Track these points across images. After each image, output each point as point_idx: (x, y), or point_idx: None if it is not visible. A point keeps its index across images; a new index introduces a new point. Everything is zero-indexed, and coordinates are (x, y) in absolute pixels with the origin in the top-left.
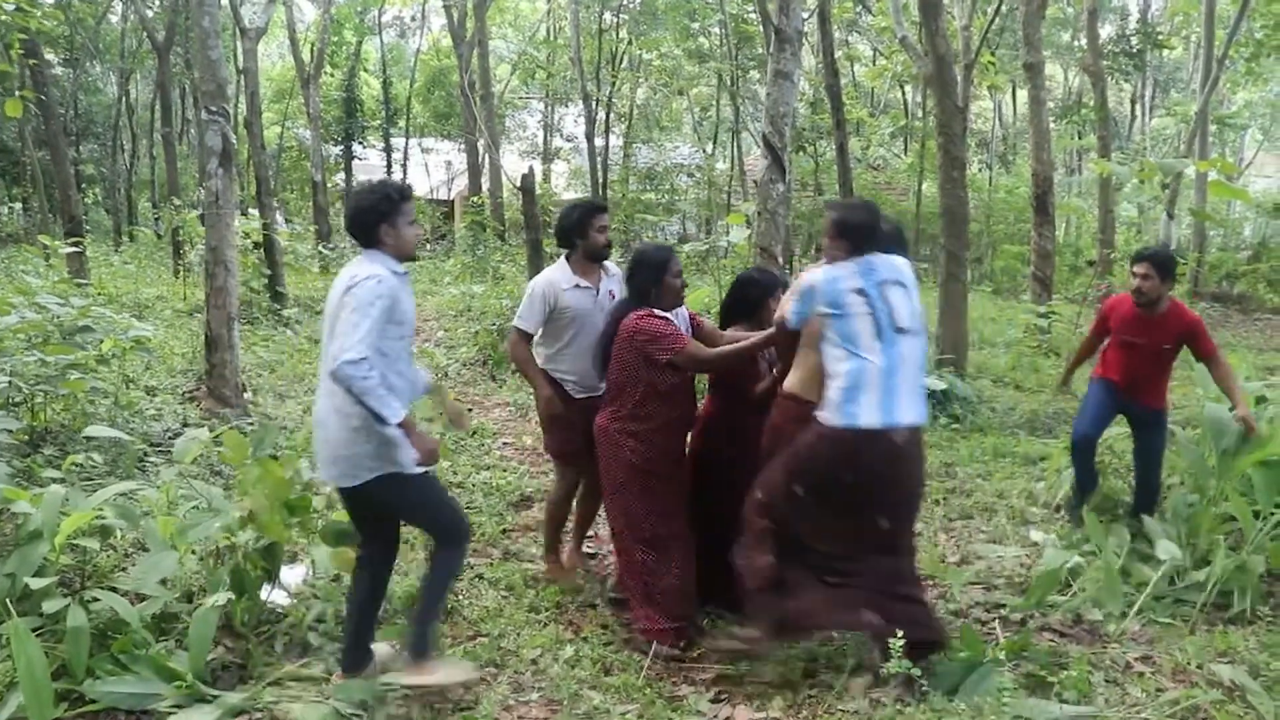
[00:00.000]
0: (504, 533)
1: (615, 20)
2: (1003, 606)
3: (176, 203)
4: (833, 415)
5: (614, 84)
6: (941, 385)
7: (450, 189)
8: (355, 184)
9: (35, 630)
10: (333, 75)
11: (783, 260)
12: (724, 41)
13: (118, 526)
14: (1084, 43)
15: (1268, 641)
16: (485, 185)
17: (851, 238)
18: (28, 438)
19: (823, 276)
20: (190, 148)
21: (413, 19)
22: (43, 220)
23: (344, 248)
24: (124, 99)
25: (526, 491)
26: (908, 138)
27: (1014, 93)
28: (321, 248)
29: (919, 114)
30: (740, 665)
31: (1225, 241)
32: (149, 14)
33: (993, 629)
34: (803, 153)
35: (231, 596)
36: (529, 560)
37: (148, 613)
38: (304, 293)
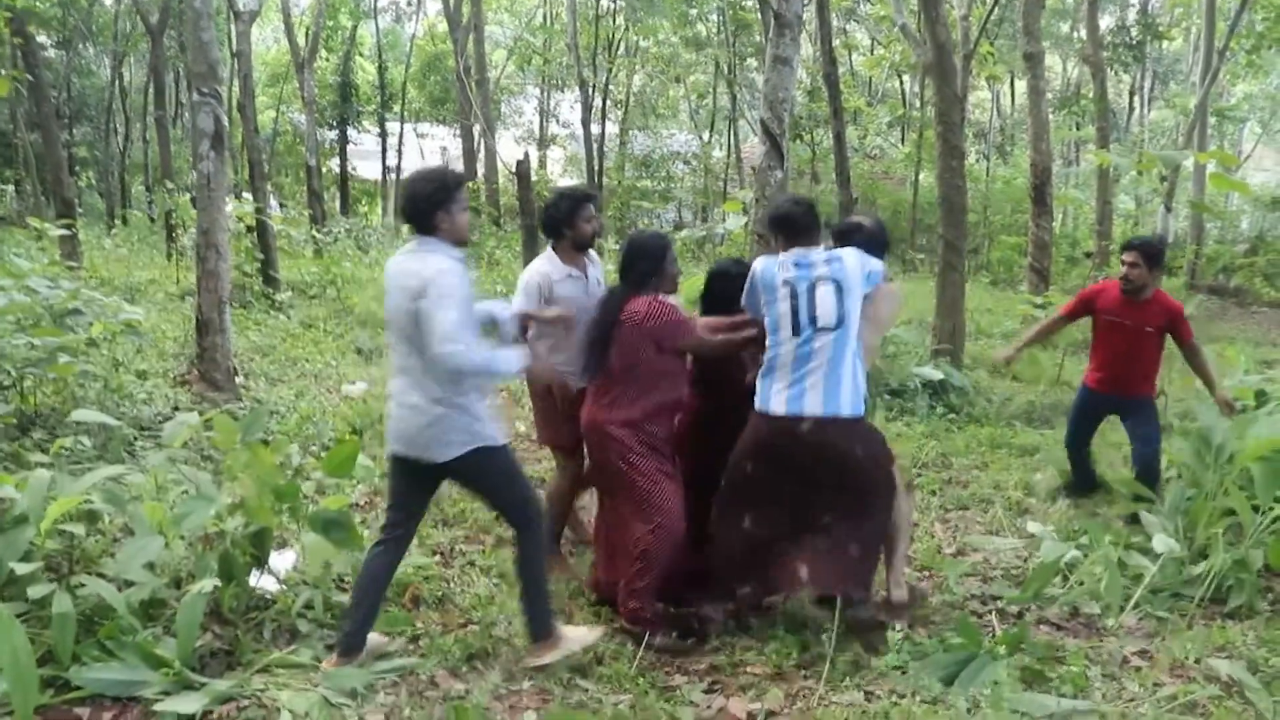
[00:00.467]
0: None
1: (612, 6)
2: (999, 599)
3: (170, 186)
4: (756, 400)
5: (611, 70)
6: (938, 375)
7: None
8: (411, 170)
9: (21, 616)
10: (328, 60)
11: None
12: (721, 28)
13: (105, 512)
14: (1083, 33)
15: (1266, 637)
16: (481, 171)
17: (785, 231)
18: (16, 421)
19: (761, 266)
20: (184, 131)
21: (408, 3)
22: (35, 203)
23: (338, 232)
24: (117, 82)
25: None
26: (905, 127)
27: (1012, 83)
28: (315, 232)
29: (917, 104)
30: (734, 655)
31: (1222, 234)
32: None
33: (989, 621)
34: (800, 141)
35: (219, 583)
36: None
37: (135, 599)
38: (297, 277)
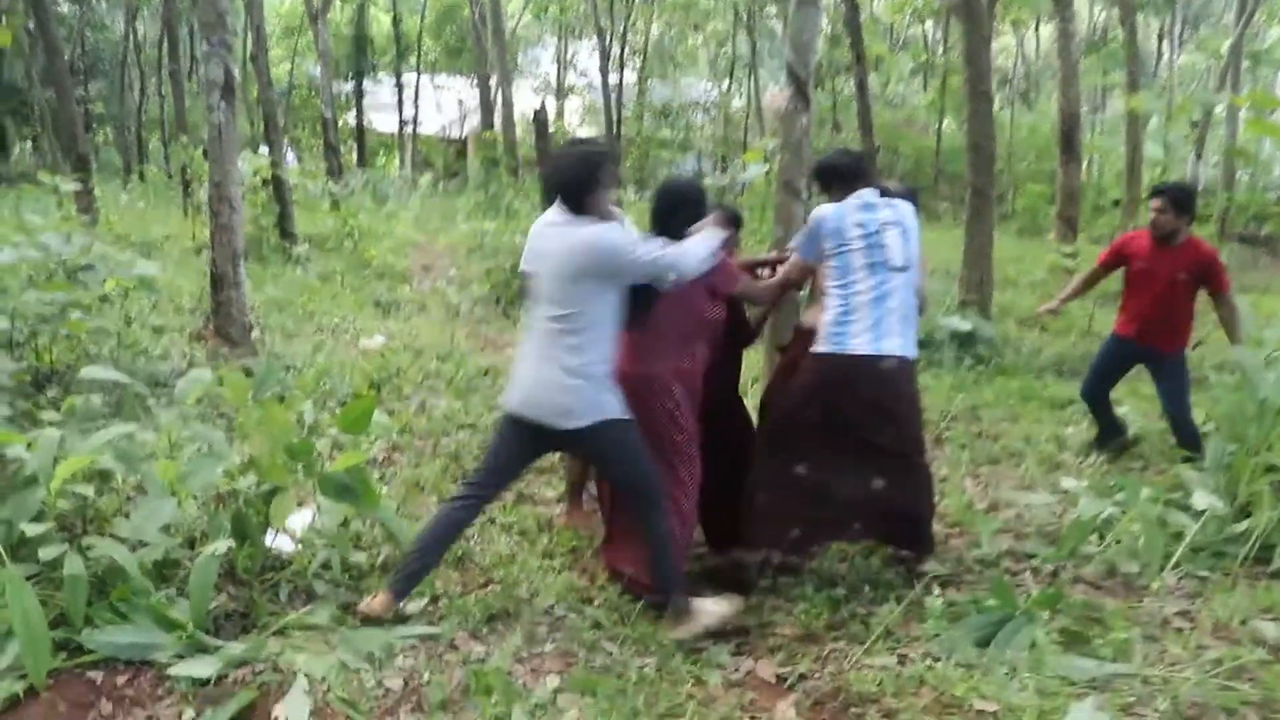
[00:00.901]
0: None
1: None
2: (1033, 557)
3: (184, 140)
4: (826, 343)
5: (629, 18)
6: (966, 326)
7: (463, 126)
8: (558, 147)
9: (33, 577)
10: (342, 11)
11: (806, 195)
12: None
13: (118, 471)
14: None
15: None
16: (498, 122)
17: (840, 179)
18: (29, 379)
19: (831, 211)
20: (199, 85)
21: None
22: (52, 160)
23: (355, 185)
24: (131, 36)
25: None
26: (927, 74)
27: (1036, 28)
28: (331, 185)
29: (939, 51)
30: (763, 616)
31: (1254, 182)
32: None
33: (1023, 580)
34: (820, 89)
35: (232, 544)
36: (542, 504)
37: (148, 560)
38: (314, 230)
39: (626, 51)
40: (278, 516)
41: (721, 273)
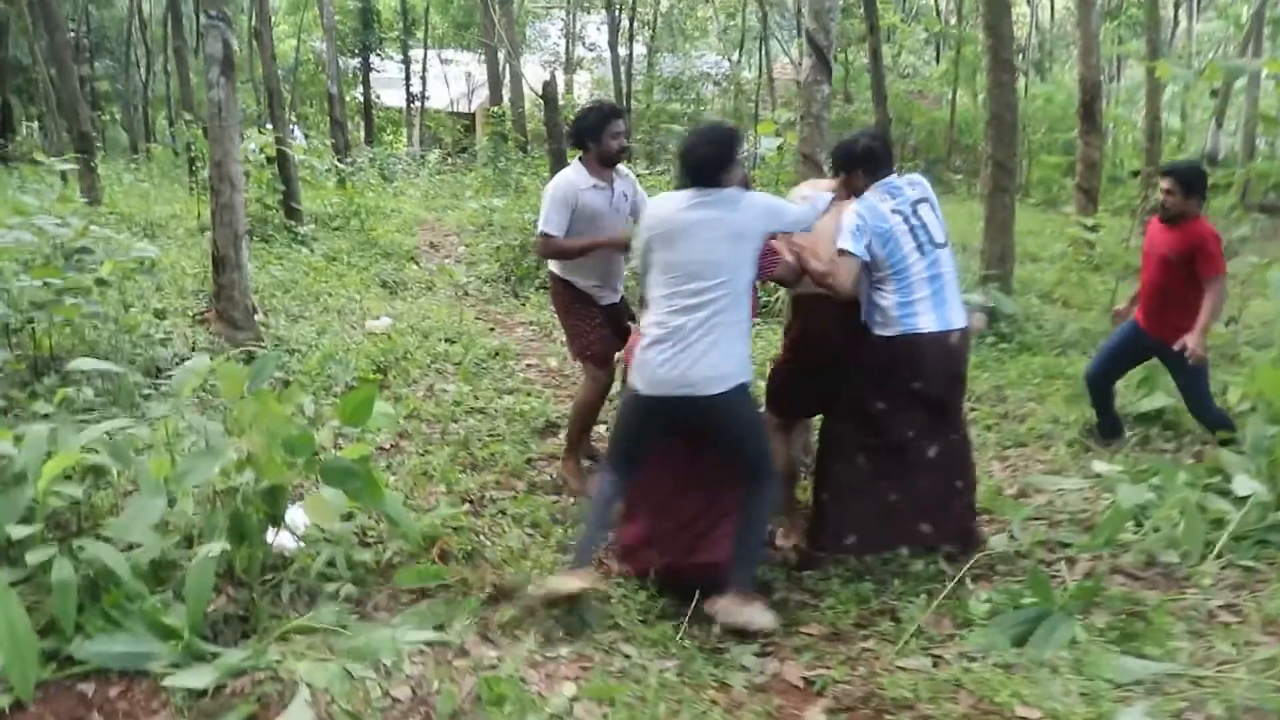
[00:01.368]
0: (528, 462)
1: None
2: (1068, 546)
3: (189, 118)
4: (890, 328)
5: None
6: (988, 303)
7: (471, 101)
8: (697, 127)
9: (20, 582)
10: None
11: (827, 168)
12: None
13: (112, 467)
14: None
15: None
16: (506, 96)
17: (868, 163)
18: (26, 367)
19: (864, 207)
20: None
21: None
22: (57, 138)
23: (362, 162)
24: (136, 12)
25: (552, 417)
26: (939, 44)
27: None
28: (338, 162)
29: (953, 20)
30: (788, 614)
31: (1276, 150)
32: None
33: (1058, 570)
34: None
35: (227, 546)
36: (556, 493)
37: (142, 561)
38: (320, 209)
39: (636, 23)
40: (280, 513)
41: (769, 254)
